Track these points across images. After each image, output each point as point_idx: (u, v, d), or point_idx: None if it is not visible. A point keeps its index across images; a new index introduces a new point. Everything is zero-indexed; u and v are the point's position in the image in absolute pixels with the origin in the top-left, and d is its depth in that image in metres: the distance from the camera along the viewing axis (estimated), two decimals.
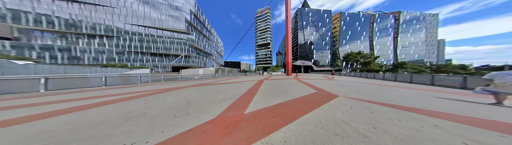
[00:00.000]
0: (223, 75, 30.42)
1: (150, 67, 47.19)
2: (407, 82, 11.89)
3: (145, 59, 49.34)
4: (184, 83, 12.55)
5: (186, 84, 11.36)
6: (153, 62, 49.77)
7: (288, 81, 13.42)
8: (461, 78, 8.42)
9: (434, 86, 9.30)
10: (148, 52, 49.61)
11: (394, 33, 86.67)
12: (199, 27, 62.40)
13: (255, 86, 9.22)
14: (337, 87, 8.42)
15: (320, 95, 5.62)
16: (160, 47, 50.80)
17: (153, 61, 50.45)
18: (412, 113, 3.18)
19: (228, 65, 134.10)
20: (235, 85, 10.04)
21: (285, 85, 9.67)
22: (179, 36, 54.99)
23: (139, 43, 47.91)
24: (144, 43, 48.63)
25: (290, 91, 6.58)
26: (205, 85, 10.23)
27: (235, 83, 11.27)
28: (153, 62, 49.78)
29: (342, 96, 5.25)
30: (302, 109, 3.50)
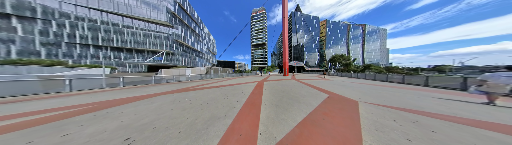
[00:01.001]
0: (215, 75, 17.99)
1: (112, 66, 24.97)
2: (383, 81, 9.42)
3: (103, 55, 26.43)
4: (158, 87, 6.01)
5: (160, 89, 5.40)
6: (116, 59, 27.13)
7: (289, 82, 8.32)
8: (424, 77, 6.57)
9: (405, 84, 7.29)
10: (107, 46, 26.65)
11: (362, 41, 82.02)
12: (186, 20, 40.05)
13: (256, 90, 4.94)
14: (340, 88, 5.48)
15: (337, 100, 3.12)
16: (129, 41, 28.16)
17: (116, 58, 27.75)
18: (473, 127, 1.66)
19: (221, 65, 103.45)
20: (230, 88, 5.36)
21: (289, 87, 5.68)
22: (159, 29, 32.58)
23: (91, 33, 24.65)
24: (101, 33, 25.51)
25: (300, 96, 3.65)
26: (189, 90, 5.07)
27: (230, 86, 6.16)
28: (117, 60, 27.16)
29: (361, 101, 2.98)
30: (342, 133, 1.48)
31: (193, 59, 42.40)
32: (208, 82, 8.57)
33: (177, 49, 36.15)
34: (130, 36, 28.18)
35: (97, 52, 25.42)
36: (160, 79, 9.10)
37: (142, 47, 29.62)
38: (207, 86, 6.21)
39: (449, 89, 5.40)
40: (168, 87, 5.96)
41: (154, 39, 31.48)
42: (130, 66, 28.42)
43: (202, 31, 50.50)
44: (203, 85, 6.94)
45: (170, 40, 33.73)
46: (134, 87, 6.37)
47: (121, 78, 6.46)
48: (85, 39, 24.15)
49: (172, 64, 31.63)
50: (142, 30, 29.89)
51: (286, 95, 3.75)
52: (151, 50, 31.59)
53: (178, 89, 5.23)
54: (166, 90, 4.92)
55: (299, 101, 3.00)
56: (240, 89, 5.22)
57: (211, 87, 5.81)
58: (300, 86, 6.14)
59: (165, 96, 3.67)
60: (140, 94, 4.15)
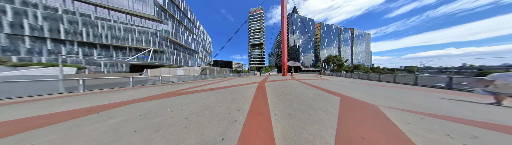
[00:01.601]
0: (211, 76, 13.68)
1: (79, 65, 18.53)
2: (376, 80, 8.63)
3: (67, 51, 19.72)
4: (135, 92, 4.23)
5: (137, 94, 3.69)
6: (86, 57, 20.54)
7: (290, 82, 7.02)
8: (414, 77, 6.35)
9: (396, 83, 6.76)
10: (73, 41, 19.94)
11: (351, 43, 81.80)
12: (178, 16, 33.74)
13: (259, 92, 3.84)
14: (345, 88, 4.63)
15: (354, 105, 2.42)
16: (104, 35, 21.62)
17: (88, 55, 21.13)
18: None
19: (218, 64, 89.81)
20: (228, 91, 4.10)
21: (293, 88, 4.63)
22: (144, 24, 26.20)
23: (48, 23, 17.82)
24: (64, 25, 18.73)
25: (311, 100, 2.83)
26: (176, 94, 3.72)
27: (227, 88, 4.80)
28: (87, 58, 20.58)
29: (380, 106, 2.32)
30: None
31: (186, 59, 36.37)
32: (202, 83, 6.79)
33: (167, 47, 30.04)
34: (106, 30, 21.65)
35: (59, 47, 18.72)
36: (144, 80, 7.00)
37: (123, 44, 23.23)
38: (200, 89, 4.65)
39: (436, 87, 5.06)
40: (149, 91, 4.24)
41: (138, 35, 25.14)
42: (106, 66, 21.99)
43: (196, 29, 44.16)
44: (196, 87, 5.38)
45: (158, 37, 27.56)
46: (101, 91, 4.32)
47: (80, 79, 4.18)
48: (39, 31, 17.37)
49: (161, 64, 25.70)
50: (123, 24, 23.39)
51: (295, 99, 2.88)
52: (134, 48, 25.23)
53: (161, 94, 3.66)
54: (143, 95, 3.42)
55: (313, 107, 2.21)
56: (240, 91, 3.95)
57: (205, 90, 4.33)
58: (304, 87, 5.05)
59: (137, 106, 2.35)
60: (101, 102, 2.67)
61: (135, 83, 5.84)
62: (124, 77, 5.70)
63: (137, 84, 6.03)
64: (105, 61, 19.77)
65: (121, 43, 23.00)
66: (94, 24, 20.49)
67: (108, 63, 21.74)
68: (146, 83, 6.88)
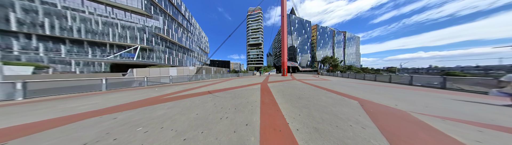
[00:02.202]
0: (208, 76, 11.73)
1: (39, 63, 13.85)
2: (372, 80, 8.07)
3: (20, 46, 14.87)
4: (105, 98, 2.81)
5: (105, 102, 2.34)
6: (50, 53, 15.79)
7: (293, 83, 6.14)
8: (410, 77, 5.93)
9: (391, 83, 6.32)
10: (31, 34, 15.04)
11: (343, 45, 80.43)
12: (171, 12, 28.94)
13: (265, 96, 2.91)
14: (352, 89, 3.93)
15: (380, 111, 1.81)
16: (75, 29, 16.81)
17: (52, 51, 16.35)
18: None
19: (215, 64, 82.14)
20: (228, 95, 3.07)
21: (300, 90, 3.79)
22: (130, 18, 21.47)
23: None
24: (16, 13, 13.77)
25: (329, 105, 2.12)
26: (161, 100, 2.50)
27: (227, 91, 3.73)
28: (54, 54, 15.82)
29: (411, 112, 1.79)
30: None
31: (180, 58, 31.90)
32: (197, 85, 5.48)
33: (158, 45, 25.51)
34: (78, 22, 16.87)
35: (8, 41, 13.92)
36: (127, 82, 5.44)
37: (101, 40, 18.56)
38: (194, 92, 3.63)
39: (431, 87, 4.69)
40: (126, 96, 3.09)
41: (122, 30, 20.46)
42: (78, 65, 17.37)
43: (191, 26, 39.33)
44: (190, 89, 4.22)
45: (147, 33, 22.96)
46: (53, 98, 2.94)
47: (17, 82, 2.82)
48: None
49: (150, 63, 21.32)
50: (101, 17, 18.62)
51: (309, 104, 2.18)
52: (117, 44, 20.57)
53: (141, 100, 2.55)
54: (114, 103, 2.26)
55: (339, 116, 1.57)
56: (243, 95, 3.05)
57: (200, 93, 3.33)
58: (310, 88, 4.31)
59: (92, 123, 1.38)
60: (33, 117, 1.56)
61: (112, 85, 4.52)
62: (94, 78, 4.18)
63: (114, 87, 4.61)
64: (77, 59, 15.24)
65: (99, 39, 18.33)
66: (61, 15, 15.69)
67: (81, 61, 17.14)
68: (129, 84, 5.34)
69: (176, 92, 3.74)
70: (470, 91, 3.72)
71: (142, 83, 5.73)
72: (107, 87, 4.31)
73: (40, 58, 14.85)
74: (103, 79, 4.20)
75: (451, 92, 3.72)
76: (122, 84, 5.04)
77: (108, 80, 4.36)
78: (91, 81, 4.17)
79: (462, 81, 4.32)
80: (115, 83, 4.76)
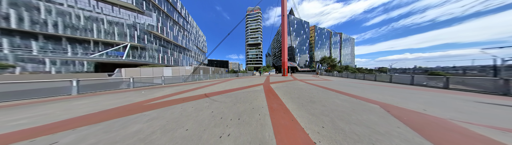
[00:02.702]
0: (206, 76, 9.99)
1: (5, 62, 11.22)
2: (372, 80, 7.82)
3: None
4: (72, 104, 2.18)
5: (69, 109, 1.78)
6: (21, 50, 13.14)
7: (297, 84, 5.70)
8: (410, 77, 5.93)
9: (392, 83, 6.21)
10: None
11: (340, 46, 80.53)
12: (166, 8, 26.55)
13: (272, 100, 2.33)
14: (361, 91, 3.60)
15: (417, 120, 1.41)
16: (51, 23, 14.20)
17: (21, 48, 13.68)
18: None
19: (213, 64, 77.97)
20: (228, 99, 2.45)
21: (309, 92, 3.31)
22: (118, 13, 18.99)
23: None
24: None
25: (352, 112, 1.65)
26: (143, 108, 1.85)
27: (227, 94, 3.06)
28: (23, 52, 13.17)
29: (454, 120, 1.41)
30: None
31: (176, 57, 29.50)
32: (192, 87, 4.81)
33: (151, 43, 23.10)
34: (54, 16, 14.33)
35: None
36: (109, 84, 4.43)
37: (84, 36, 16.06)
38: (188, 95, 3.02)
39: (434, 87, 4.54)
40: (100, 102, 2.48)
41: (109, 26, 18.00)
42: (55, 64, 14.81)
43: (188, 25, 36.90)
44: (183, 92, 3.57)
45: (138, 30, 20.57)
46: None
47: None
48: None
49: (142, 62, 18.97)
50: (83, 10, 16.12)
51: (327, 111, 1.76)
52: (103, 42, 18.07)
53: (114, 109, 1.93)
54: (73, 115, 1.63)
55: (375, 129, 1.19)
56: (246, 99, 2.54)
57: (195, 97, 2.75)
58: (318, 89, 3.85)
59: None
60: None
61: (87, 88, 3.61)
62: (61, 80, 3.23)
63: (91, 90, 3.67)
64: (52, 57, 12.77)
65: (80, 35, 15.82)
66: (32, 6, 13.12)
67: (58, 60, 14.60)
68: (111, 87, 4.26)
69: (167, 95, 3.09)
70: (475, 91, 3.55)
71: (130, 84, 4.75)
72: (79, 90, 3.42)
73: (3, 56, 12.25)
74: (73, 81, 3.30)
75: (458, 92, 3.52)
76: (102, 86, 4.12)
77: (81, 81, 3.45)
78: (64, 82, 3.20)
79: (468, 80, 4.17)
80: (92, 85, 3.87)
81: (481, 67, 36.13)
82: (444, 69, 42.52)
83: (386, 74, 7.14)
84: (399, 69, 59.58)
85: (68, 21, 14.97)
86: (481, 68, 36.40)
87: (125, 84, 4.89)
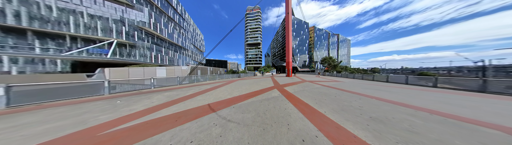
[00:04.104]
0: (204, 77, 8.35)
1: None
2: (384, 81, 7.30)
3: None
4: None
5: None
6: None
7: (312, 86, 5.02)
8: (434, 79, 5.76)
9: (408, 85, 5.78)
10: None
11: (337, 47, 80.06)
12: (159, 3, 23.68)
13: (314, 117, 1.45)
14: (408, 98, 2.99)
15: None
16: (11, 13, 11.13)
17: None
18: None
19: (211, 64, 72.47)
20: (246, 117, 1.43)
21: (344, 100, 2.60)
22: (102, 6, 15.98)
23: None
24: None
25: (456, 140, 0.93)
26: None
27: (238, 106, 1.97)
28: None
29: None
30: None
31: (171, 56, 26.65)
32: (190, 92, 3.81)
33: (142, 40, 20.25)
34: (15, 5, 11.36)
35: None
36: (84, 88, 3.44)
37: (58, 30, 13.11)
38: (184, 107, 2.12)
39: (462, 90, 4.23)
40: (21, 129, 1.26)
41: (90, 19, 15.10)
42: (16, 62, 11.83)
43: (184, 22, 34.01)
44: (177, 101, 2.55)
45: (126, 26, 17.69)
46: None
47: None
48: None
49: (131, 61, 16.16)
50: (56, 0, 13.17)
51: (417, 139, 1.04)
52: (82, 37, 15.14)
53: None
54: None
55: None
56: (273, 115, 1.71)
57: (194, 113, 1.80)
58: (347, 95, 3.24)
59: None
60: None
61: (30, 97, 2.55)
62: None
63: (34, 100, 2.52)
64: (12, 54, 9.86)
65: (53, 29, 12.88)
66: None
67: (21, 58, 11.63)
68: (78, 93, 3.17)
69: (152, 108, 2.05)
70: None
71: (101, 90, 3.36)
72: (9, 101, 2.23)
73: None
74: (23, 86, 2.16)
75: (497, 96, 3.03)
76: (62, 92, 2.76)
77: (16, 87, 2.34)
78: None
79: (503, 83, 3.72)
80: (42, 91, 2.63)
81: (458, 68, 38.64)
82: (429, 70, 44.23)
83: (384, 75, 7.42)
84: (389, 70, 61.81)
85: (36, 12, 12.01)
86: (457, 68, 40.75)
87: (100, 88, 3.52)
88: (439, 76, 8.70)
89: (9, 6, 11.08)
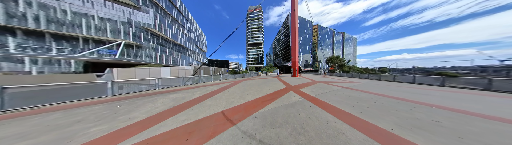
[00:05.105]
0: (207, 78, 8.52)
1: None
2: (410, 83, 6.77)
3: None
4: None
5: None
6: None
7: (330, 88, 4.64)
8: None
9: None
10: None
11: (342, 46, 78.83)
12: (164, 4, 24.77)
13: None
14: (445, 100, 2.67)
15: None
16: (31, 17, 12.34)
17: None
18: None
19: (213, 64, 73.46)
20: (285, 141, 0.76)
21: (395, 109, 1.92)
22: (111, 9, 17.14)
23: None
24: None
25: None
26: None
27: (262, 117, 1.35)
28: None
29: None
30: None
31: (175, 56, 27.68)
32: (197, 94, 3.52)
33: (148, 41, 21.29)
34: (35, 8, 12.53)
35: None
36: (87, 89, 3.33)
37: (71, 32, 14.25)
38: (193, 116, 1.60)
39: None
40: None
41: (100, 21, 16.20)
42: (35, 63, 12.98)
43: (188, 23, 35.13)
44: (184, 106, 2.23)
45: (133, 27, 18.76)
46: None
47: None
48: None
49: (137, 62, 17.14)
50: (69, 4, 14.32)
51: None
52: (93, 39, 16.26)
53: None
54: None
55: None
56: (320, 134, 0.99)
57: (208, 126, 1.24)
58: (385, 100, 2.70)
59: None
60: None
61: (29, 99, 2.38)
62: None
63: (36, 103, 2.38)
64: (32, 55, 10.94)
65: (67, 31, 14.00)
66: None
67: (40, 59, 12.77)
68: (80, 95, 3.08)
69: (154, 117, 1.63)
70: None
71: (105, 91, 3.43)
72: (3, 105, 2.04)
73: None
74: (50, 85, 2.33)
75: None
76: (65, 93, 2.66)
77: (11, 89, 2.14)
78: None
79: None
80: (44, 92, 2.43)
81: (481, 67, 38.42)
82: (446, 69, 41.64)
83: (409, 75, 7.54)
84: (398, 70, 59.55)
85: (52, 15, 13.14)
86: (481, 68, 37.40)
87: (104, 89, 3.54)
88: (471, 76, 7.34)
89: (30, 11, 12.22)
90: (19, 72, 11.84)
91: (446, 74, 24.00)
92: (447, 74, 22.34)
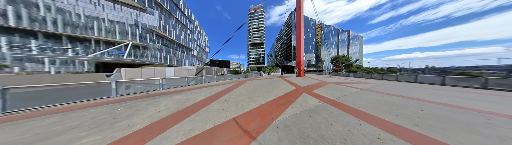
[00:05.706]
0: (210, 78, 8.35)
1: (2, 62, 10.67)
2: (439, 84, 6.06)
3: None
4: None
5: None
6: (20, 49, 12.61)
7: (347, 90, 4.12)
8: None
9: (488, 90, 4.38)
10: None
11: (347, 44, 77.18)
12: (168, 6, 25.94)
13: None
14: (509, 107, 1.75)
15: None
16: (50, 21, 13.70)
17: (20, 47, 13.19)
18: None
19: (215, 64, 73.77)
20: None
21: (446, 118, 1.33)
22: (120, 11, 18.41)
23: None
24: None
25: None
26: None
27: (288, 128, 0.89)
28: (22, 51, 12.64)
29: None
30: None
31: (179, 57, 28.79)
32: (202, 96, 3.39)
33: (153, 42, 22.45)
34: (53, 13, 13.84)
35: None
36: (93, 89, 3.35)
37: (84, 34, 15.51)
38: (202, 126, 1.25)
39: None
40: None
41: (110, 24, 17.42)
42: (54, 63, 14.29)
43: (190, 23, 36.29)
44: (189, 110, 1.98)
45: (140, 29, 19.92)
46: None
47: None
48: None
49: (143, 62, 18.22)
50: (83, 8, 15.60)
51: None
52: (104, 40, 17.52)
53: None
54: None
55: None
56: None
57: (217, 137, 0.92)
58: (435, 107, 2.15)
59: None
60: None
61: (30, 99, 2.28)
62: None
63: (38, 104, 2.29)
64: (50, 56, 12.15)
65: (81, 34, 15.26)
66: (30, 2, 12.63)
67: (58, 60, 14.04)
68: (85, 96, 3.03)
69: (156, 125, 1.39)
70: None
71: (108, 92, 3.44)
72: (5, 107, 2.00)
73: (1, 56, 11.74)
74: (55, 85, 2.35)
75: None
76: (65, 94, 2.71)
77: (12, 90, 2.09)
78: None
79: None
80: (45, 93, 2.49)
81: (510, 66, 33.99)
82: (465, 69, 38.44)
83: (437, 76, 6.59)
84: (409, 69, 56.83)
85: (68, 19, 14.40)
86: (509, 68, 33.30)
87: (108, 89, 3.56)
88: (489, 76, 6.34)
89: (49, 15, 13.49)
90: (40, 72, 13.12)
91: (469, 74, 21.39)
92: (471, 74, 19.76)
